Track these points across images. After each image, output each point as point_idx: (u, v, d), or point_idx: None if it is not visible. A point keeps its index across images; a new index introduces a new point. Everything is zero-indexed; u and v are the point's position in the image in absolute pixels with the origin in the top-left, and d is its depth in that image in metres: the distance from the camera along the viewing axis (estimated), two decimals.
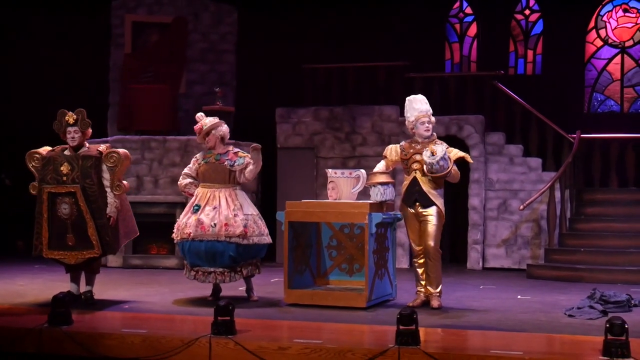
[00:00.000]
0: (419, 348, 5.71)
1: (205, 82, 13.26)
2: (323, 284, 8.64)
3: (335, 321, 7.08)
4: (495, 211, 12.34)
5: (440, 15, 14.69)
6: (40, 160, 7.93)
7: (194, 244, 8.06)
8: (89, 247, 7.82)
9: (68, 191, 7.80)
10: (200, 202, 8.19)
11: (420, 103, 8.12)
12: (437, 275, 8.02)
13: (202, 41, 13.60)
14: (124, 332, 6.41)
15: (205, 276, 8.16)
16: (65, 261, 7.88)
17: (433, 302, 7.94)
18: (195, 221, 8.07)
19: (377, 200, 8.03)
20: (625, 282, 10.25)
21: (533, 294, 9.19)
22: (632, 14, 14.14)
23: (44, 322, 6.58)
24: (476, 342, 6.11)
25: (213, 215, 8.07)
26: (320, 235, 8.68)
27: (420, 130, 8.06)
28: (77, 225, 7.78)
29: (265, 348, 5.98)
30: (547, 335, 6.43)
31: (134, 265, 11.50)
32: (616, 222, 11.45)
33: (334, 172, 8.22)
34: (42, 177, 7.85)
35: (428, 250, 7.94)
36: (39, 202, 7.85)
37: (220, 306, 6.28)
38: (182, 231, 8.13)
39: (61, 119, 7.96)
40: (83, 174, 7.85)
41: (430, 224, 7.93)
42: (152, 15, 13.45)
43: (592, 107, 14.30)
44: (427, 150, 7.83)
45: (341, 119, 12.84)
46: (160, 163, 11.84)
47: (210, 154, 8.39)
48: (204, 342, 6.10)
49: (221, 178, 8.28)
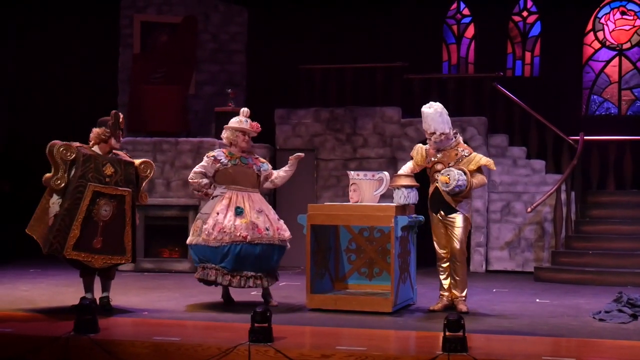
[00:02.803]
0: (469, 355, 5.56)
1: (215, 83, 13.02)
2: (342, 289, 8.48)
3: (362, 327, 6.94)
4: (499, 213, 12.26)
5: (437, 16, 14.60)
6: (79, 154, 7.51)
7: (247, 248, 7.81)
8: (119, 252, 7.58)
9: (118, 194, 7.55)
10: (239, 204, 7.96)
11: (425, 120, 7.97)
12: (463, 279, 7.92)
13: (211, 41, 13.39)
14: (156, 340, 6.17)
15: (245, 281, 7.92)
16: (90, 264, 7.55)
17: (460, 306, 7.82)
18: (247, 224, 7.83)
19: (400, 203, 7.90)
20: (635, 284, 10.21)
21: (550, 298, 9.12)
22: (629, 17, 14.16)
23: (69, 330, 6.32)
24: (524, 348, 5.97)
25: (263, 218, 7.93)
26: (339, 238, 8.51)
27: (430, 145, 7.97)
28: (111, 229, 7.52)
29: (308, 356, 5.80)
30: (596, 341, 6.33)
31: (145, 269, 11.21)
32: (623, 225, 11.45)
33: (356, 174, 8.06)
34: (83, 173, 7.44)
35: (454, 253, 7.86)
36: (75, 197, 7.41)
37: (258, 312, 6.07)
38: (232, 234, 7.80)
39: (117, 121, 7.68)
40: (127, 179, 7.62)
41: (456, 227, 7.85)
42: (161, 15, 13.23)
43: (590, 109, 14.29)
44: (441, 180, 7.72)
45: (342, 120, 12.68)
46: (172, 165, 11.54)
47: (232, 156, 8.19)
48: (242, 350, 5.89)
49: (251, 182, 8.17)
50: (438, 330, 6.13)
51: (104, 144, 7.70)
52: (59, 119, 13.05)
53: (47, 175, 7.57)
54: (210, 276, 7.95)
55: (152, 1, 13.33)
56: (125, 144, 10.58)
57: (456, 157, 7.88)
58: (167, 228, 10.81)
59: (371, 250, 8.43)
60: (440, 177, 7.75)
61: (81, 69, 13.75)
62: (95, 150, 7.68)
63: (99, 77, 13.51)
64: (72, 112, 13.32)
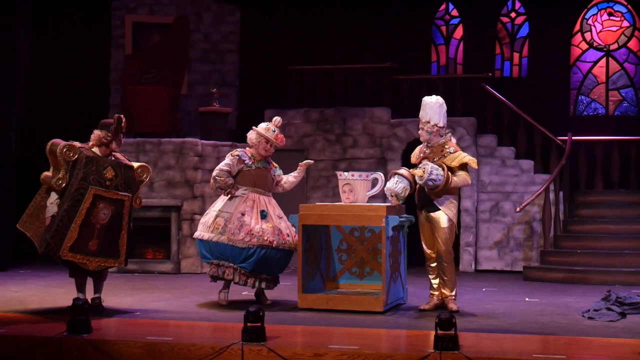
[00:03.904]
0: (461, 353, 5.61)
1: (207, 83, 13.01)
2: (333, 288, 8.52)
3: (354, 326, 6.97)
4: (488, 213, 12.33)
5: (426, 17, 14.65)
6: (82, 155, 7.48)
7: (271, 252, 7.97)
8: (114, 255, 7.60)
9: (118, 198, 7.57)
10: (263, 208, 8.08)
11: (423, 108, 7.98)
12: (451, 278, 7.97)
13: (203, 41, 13.41)
14: (149, 339, 6.20)
15: (259, 282, 8.08)
16: (85, 266, 7.56)
17: (450, 305, 7.88)
18: (273, 229, 7.98)
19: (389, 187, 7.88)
20: (623, 283, 10.30)
21: (539, 297, 9.18)
22: (616, 18, 14.25)
23: (63, 330, 6.34)
24: (515, 346, 6.02)
25: (285, 224, 8.11)
26: (330, 238, 8.56)
27: (421, 134, 7.99)
28: (108, 233, 7.53)
29: (301, 355, 5.83)
30: (585, 339, 6.39)
31: (129, 270, 11.24)
32: (611, 224, 11.53)
33: (350, 174, 8.08)
34: (85, 175, 7.44)
35: (440, 254, 7.90)
36: (76, 199, 7.39)
37: (251, 312, 6.10)
38: (260, 237, 7.91)
39: (119, 125, 7.68)
40: (126, 183, 7.65)
41: (439, 227, 7.86)
42: (152, 16, 13.22)
43: (578, 109, 14.39)
44: (417, 172, 7.73)
45: (332, 121, 12.73)
46: (155, 166, 11.55)
47: (255, 158, 8.27)
48: (236, 349, 5.92)
49: (268, 186, 8.34)
50: (429, 329, 6.19)
51: (104, 147, 7.70)
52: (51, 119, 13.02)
53: (46, 174, 7.54)
54: (228, 274, 8.02)
55: (144, 1, 13.33)
56: None
57: (442, 153, 7.91)
58: (149, 229, 10.84)
59: (362, 250, 8.47)
60: (417, 170, 7.77)
61: (73, 70, 13.72)
62: (95, 151, 7.68)
63: (91, 78, 13.50)
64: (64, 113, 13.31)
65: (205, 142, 11.80)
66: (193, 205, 11.59)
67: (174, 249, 11.49)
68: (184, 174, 11.66)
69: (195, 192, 11.64)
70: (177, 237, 11.48)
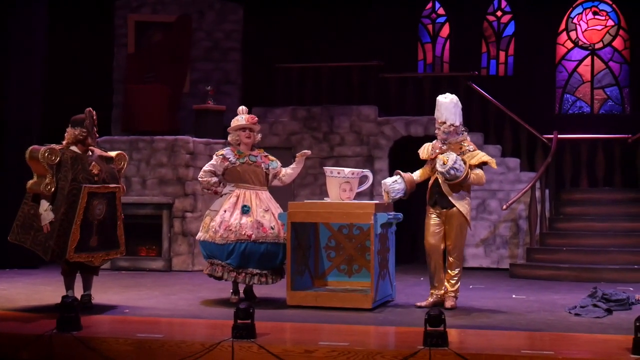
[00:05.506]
0: (450, 349, 5.66)
1: (209, 81, 12.92)
2: (322, 285, 8.55)
3: (343, 323, 7.00)
4: (474, 211, 12.37)
5: (413, 15, 14.71)
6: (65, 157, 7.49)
7: (252, 246, 7.96)
8: (114, 247, 7.72)
9: (109, 191, 7.59)
10: (246, 202, 8.07)
11: (438, 109, 7.97)
12: (458, 274, 7.97)
13: (206, 39, 13.40)
14: (140, 336, 6.21)
15: (250, 278, 8.07)
16: (91, 263, 7.61)
17: (447, 301, 7.90)
18: (253, 222, 7.98)
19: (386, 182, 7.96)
20: (608, 280, 10.37)
21: (526, 294, 9.24)
22: (601, 17, 14.36)
23: (52, 327, 6.34)
24: (504, 343, 6.07)
25: (269, 217, 8.06)
26: (319, 236, 8.59)
27: (438, 135, 7.99)
28: (105, 226, 7.59)
29: (291, 351, 5.86)
30: (572, 335, 6.46)
31: (121, 267, 11.21)
32: (596, 222, 11.61)
33: (350, 172, 8.09)
34: (75, 176, 7.45)
35: (450, 249, 7.92)
36: (71, 201, 7.39)
37: (241, 309, 6.12)
38: (237, 232, 7.93)
39: (91, 119, 7.66)
40: (111, 174, 7.68)
41: (452, 224, 7.88)
42: (155, 15, 13.20)
43: (563, 108, 14.48)
44: (440, 159, 7.73)
45: (319, 119, 12.76)
46: (147, 163, 11.54)
47: (241, 154, 8.28)
48: (226, 346, 5.94)
49: (259, 180, 8.30)
50: (418, 326, 6.23)
51: (81, 145, 7.67)
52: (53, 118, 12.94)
53: (33, 182, 7.56)
54: (217, 272, 8.09)
55: (147, 1, 13.32)
56: (102, 143, 10.58)
57: (460, 150, 7.90)
58: (142, 226, 10.84)
59: (350, 248, 8.50)
60: (440, 156, 7.73)
61: (76, 68, 13.68)
62: (74, 150, 7.66)
63: (94, 76, 13.47)
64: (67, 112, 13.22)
65: (197, 140, 11.83)
66: (184, 203, 11.60)
67: (165, 246, 11.50)
68: (176, 171, 11.67)
69: (187, 190, 11.65)
70: (168, 234, 11.48)
